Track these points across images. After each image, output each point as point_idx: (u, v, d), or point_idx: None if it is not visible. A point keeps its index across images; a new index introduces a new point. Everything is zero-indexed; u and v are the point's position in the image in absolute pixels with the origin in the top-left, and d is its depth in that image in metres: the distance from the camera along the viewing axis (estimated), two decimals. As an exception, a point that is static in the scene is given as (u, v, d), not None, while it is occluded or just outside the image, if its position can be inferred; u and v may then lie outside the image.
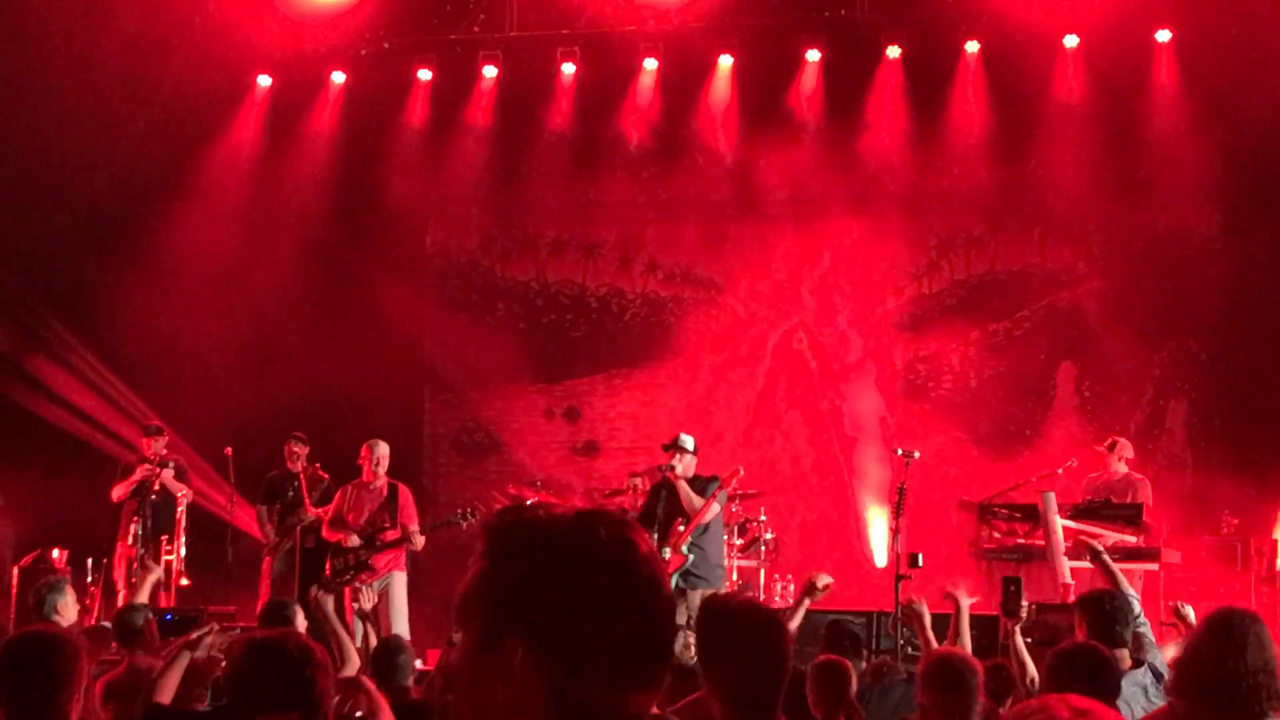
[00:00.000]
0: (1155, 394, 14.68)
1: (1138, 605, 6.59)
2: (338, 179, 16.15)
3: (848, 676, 6.07)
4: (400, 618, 11.38)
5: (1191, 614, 7.04)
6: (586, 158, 16.12)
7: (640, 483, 13.07)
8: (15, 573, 12.67)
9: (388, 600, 11.32)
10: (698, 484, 11.32)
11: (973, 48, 14.89)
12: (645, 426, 15.74)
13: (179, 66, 14.96)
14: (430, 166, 16.43)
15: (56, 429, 14.72)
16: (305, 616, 8.10)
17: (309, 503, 12.89)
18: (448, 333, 16.52)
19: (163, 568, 12.69)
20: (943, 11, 15.04)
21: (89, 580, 12.54)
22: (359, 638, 9.26)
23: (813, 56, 15.21)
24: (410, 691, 6.42)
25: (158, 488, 12.66)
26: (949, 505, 13.34)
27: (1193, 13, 14.06)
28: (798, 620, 7.64)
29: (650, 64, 15.53)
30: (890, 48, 15.00)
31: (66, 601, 7.74)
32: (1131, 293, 14.77)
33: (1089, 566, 9.93)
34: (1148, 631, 6.35)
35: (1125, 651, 6.07)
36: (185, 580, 12.91)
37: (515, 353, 16.37)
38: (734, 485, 11.79)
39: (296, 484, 13.10)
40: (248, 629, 9.67)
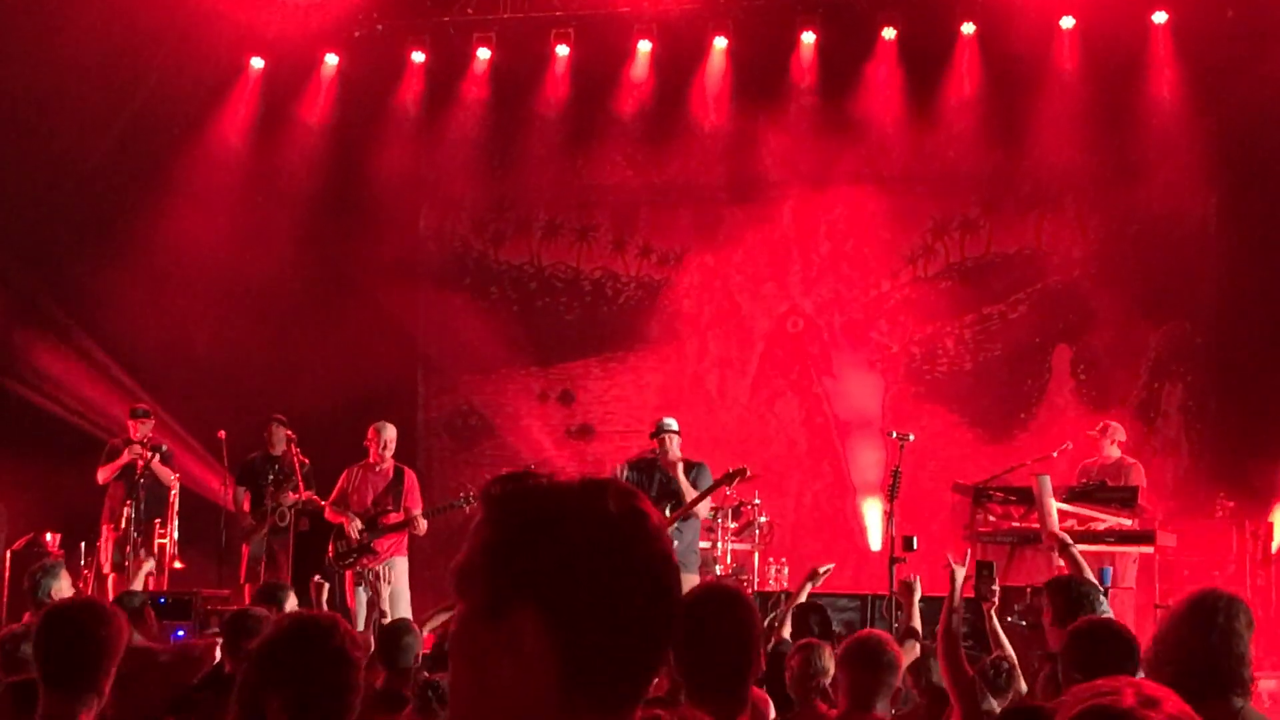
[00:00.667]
0: (1151, 377, 14.66)
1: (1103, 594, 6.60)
2: (330, 161, 16.11)
3: (822, 661, 6.06)
4: (401, 601, 11.34)
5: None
6: (580, 140, 16.08)
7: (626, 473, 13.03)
8: (8, 556, 12.64)
9: (388, 584, 11.28)
10: (686, 469, 11.36)
11: (968, 29, 14.84)
12: (639, 410, 15.71)
13: (171, 48, 14.89)
14: (423, 149, 16.40)
15: (49, 413, 14.67)
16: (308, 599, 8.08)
17: (302, 485, 12.84)
18: (441, 316, 16.49)
19: (156, 551, 12.71)
20: (938, -8, 15.03)
21: (82, 564, 12.49)
22: (360, 620, 9.24)
23: (808, 38, 15.16)
24: (411, 673, 6.40)
25: (143, 470, 12.58)
26: (944, 489, 13.30)
27: (1189, -6, 14.06)
28: (802, 600, 7.70)
29: (644, 46, 15.48)
30: (885, 29, 14.96)
31: (61, 585, 7.71)
32: (1127, 275, 14.73)
33: (1087, 549, 9.95)
34: (1111, 616, 6.36)
35: None
36: (178, 563, 12.88)
37: (509, 336, 16.33)
38: (736, 484, 11.62)
39: (277, 467, 13.04)
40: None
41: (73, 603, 4.31)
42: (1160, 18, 14.33)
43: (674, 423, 11.61)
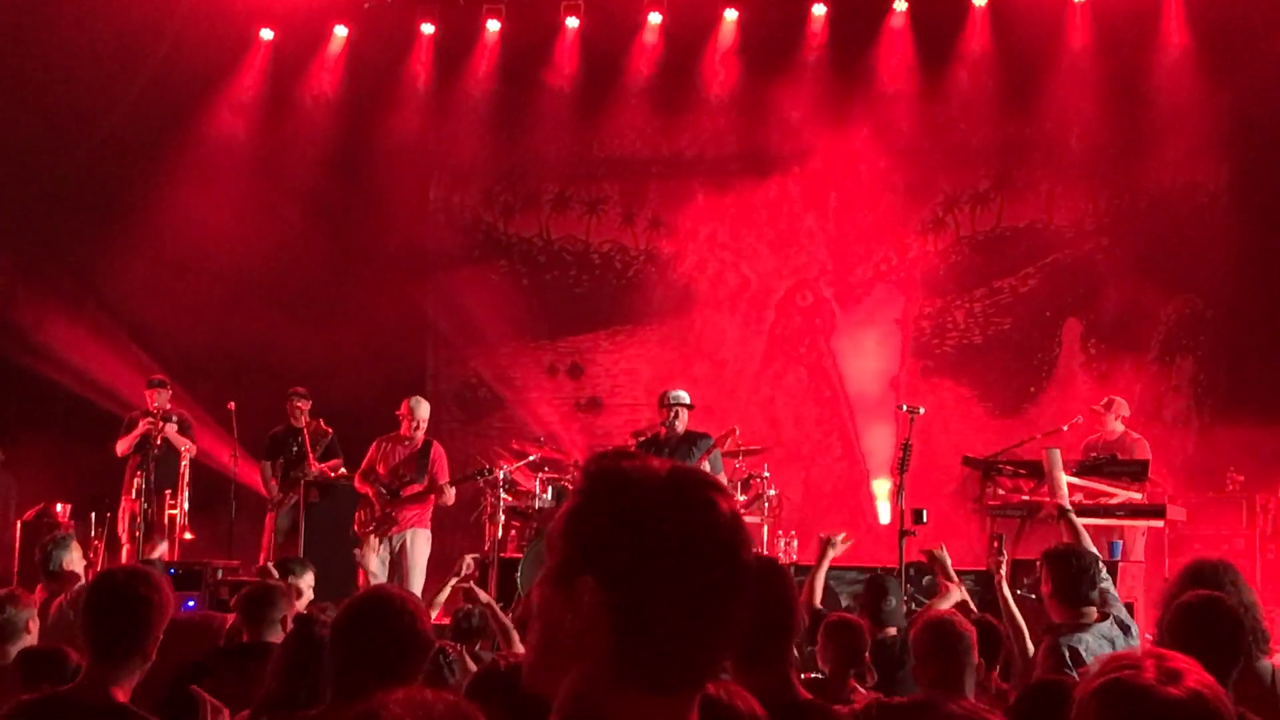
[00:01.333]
0: (1161, 350, 14.62)
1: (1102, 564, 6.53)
2: (339, 134, 16.09)
3: (862, 635, 6.05)
4: (416, 574, 11.35)
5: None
6: (589, 113, 16.04)
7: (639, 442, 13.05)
8: (19, 527, 12.66)
9: (406, 555, 11.31)
10: (690, 439, 11.38)
11: (980, 1, 14.77)
12: (648, 383, 15.70)
13: (181, 19, 14.86)
14: (433, 121, 16.37)
15: (59, 384, 14.68)
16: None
17: (313, 458, 12.87)
18: (450, 289, 16.46)
19: (166, 522, 12.75)
20: (951, -35, 14.95)
21: (92, 535, 12.51)
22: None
23: (819, 10, 15.11)
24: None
25: (159, 442, 12.62)
26: (953, 462, 13.28)
27: (1202, -34, 13.97)
28: (822, 576, 7.67)
29: (654, 18, 15.44)
30: (898, 1, 14.90)
31: (72, 557, 7.73)
32: (1138, 249, 14.68)
33: (1097, 523, 9.95)
34: (1110, 586, 6.31)
35: (1092, 608, 6.06)
36: (189, 534, 12.91)
37: (518, 309, 16.32)
38: (730, 444, 11.86)
39: (300, 439, 13.07)
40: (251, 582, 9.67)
41: (121, 569, 4.35)
42: (1173, -11, 14.28)
43: (685, 395, 11.59)
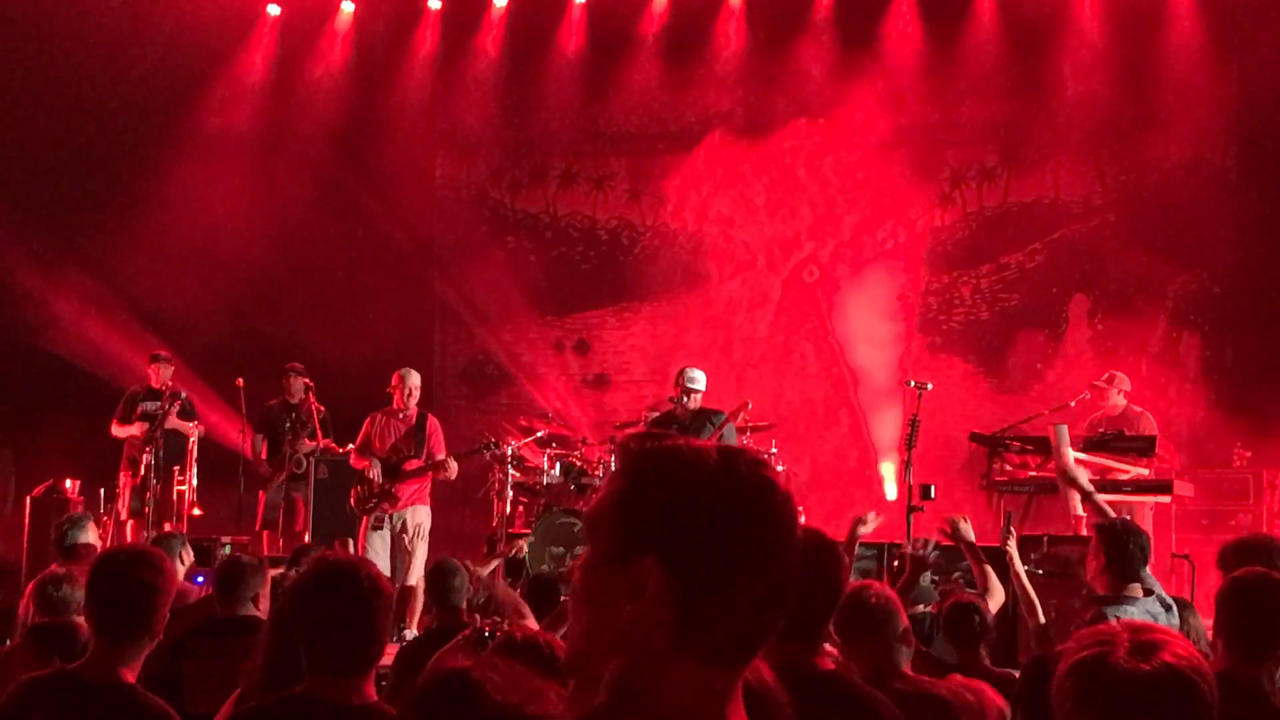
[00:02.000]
0: (1168, 326, 14.62)
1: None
2: (346, 110, 16.08)
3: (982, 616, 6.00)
4: (419, 551, 11.28)
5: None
6: (596, 89, 16.03)
7: (655, 416, 13.05)
8: (28, 503, 12.69)
9: (408, 532, 11.27)
10: (704, 415, 11.36)
11: (988, -24, 14.76)
12: (656, 359, 15.73)
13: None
14: (439, 97, 16.35)
15: (66, 361, 14.69)
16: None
17: (320, 434, 12.88)
18: (457, 265, 16.47)
19: (175, 498, 12.79)
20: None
21: (102, 511, 12.55)
22: (381, 567, 9.22)
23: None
24: (463, 614, 6.41)
25: (159, 424, 12.59)
26: (960, 438, 13.29)
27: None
28: (852, 554, 7.72)
29: (661, -8, 15.42)
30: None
31: (88, 537, 7.76)
32: (1145, 225, 14.66)
33: (1104, 498, 9.94)
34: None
35: (1139, 584, 6.06)
36: (197, 510, 12.94)
37: (525, 285, 16.32)
38: (741, 419, 11.87)
39: (294, 415, 13.07)
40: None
41: (122, 551, 4.33)
42: (1181, -35, 14.24)
43: (700, 377, 11.54)
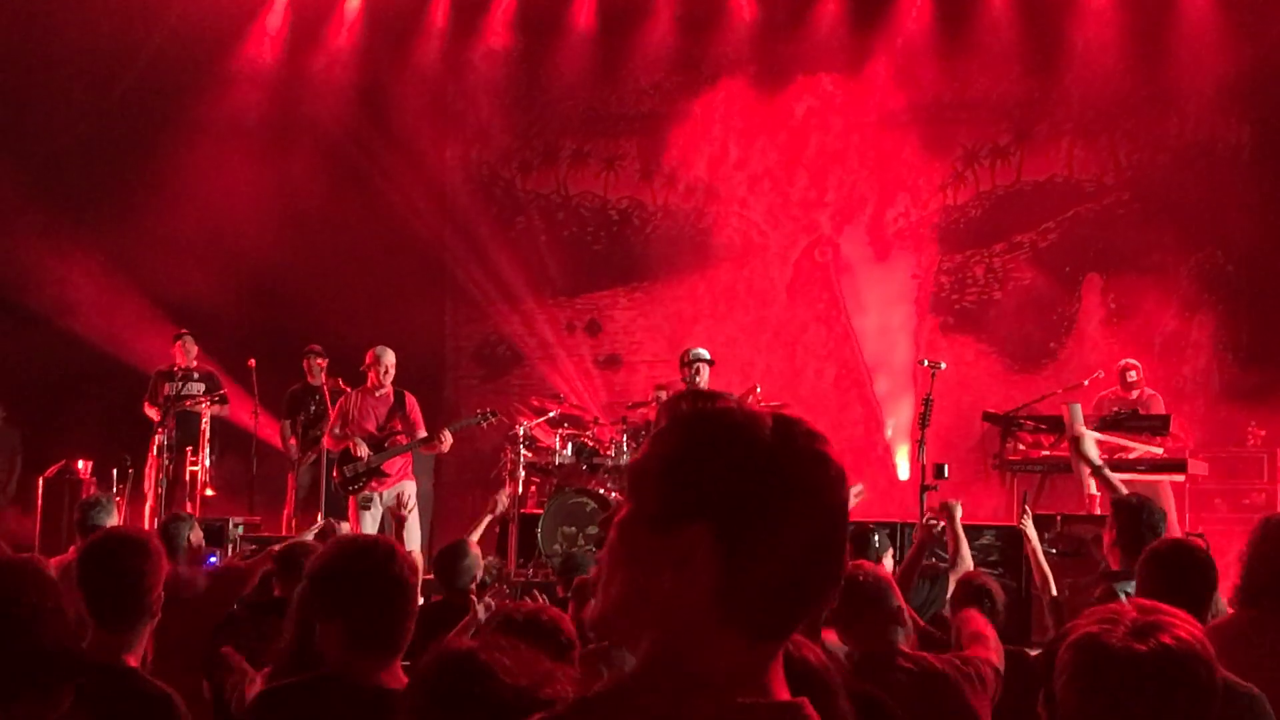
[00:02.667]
0: (1182, 305, 14.56)
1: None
2: (357, 91, 16.06)
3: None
4: (412, 527, 11.28)
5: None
6: (607, 69, 16.00)
7: (665, 395, 13.05)
8: (40, 484, 12.74)
9: (401, 509, 11.23)
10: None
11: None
12: (666, 339, 15.70)
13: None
14: (450, 78, 16.32)
15: (81, 340, 14.69)
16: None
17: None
18: (468, 246, 16.45)
19: (188, 479, 12.82)
20: (972, -83, 14.84)
21: (114, 491, 12.57)
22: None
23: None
24: (470, 594, 6.40)
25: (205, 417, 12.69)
26: (973, 417, 13.28)
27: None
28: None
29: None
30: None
31: (112, 520, 7.74)
32: (1159, 204, 14.61)
33: (1118, 477, 9.92)
34: None
35: None
36: (210, 491, 12.97)
37: (536, 265, 16.32)
38: (750, 402, 11.86)
39: (319, 397, 13.09)
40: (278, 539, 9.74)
41: (108, 536, 4.25)
42: (1197, -59, 14.16)
43: (705, 352, 11.59)
